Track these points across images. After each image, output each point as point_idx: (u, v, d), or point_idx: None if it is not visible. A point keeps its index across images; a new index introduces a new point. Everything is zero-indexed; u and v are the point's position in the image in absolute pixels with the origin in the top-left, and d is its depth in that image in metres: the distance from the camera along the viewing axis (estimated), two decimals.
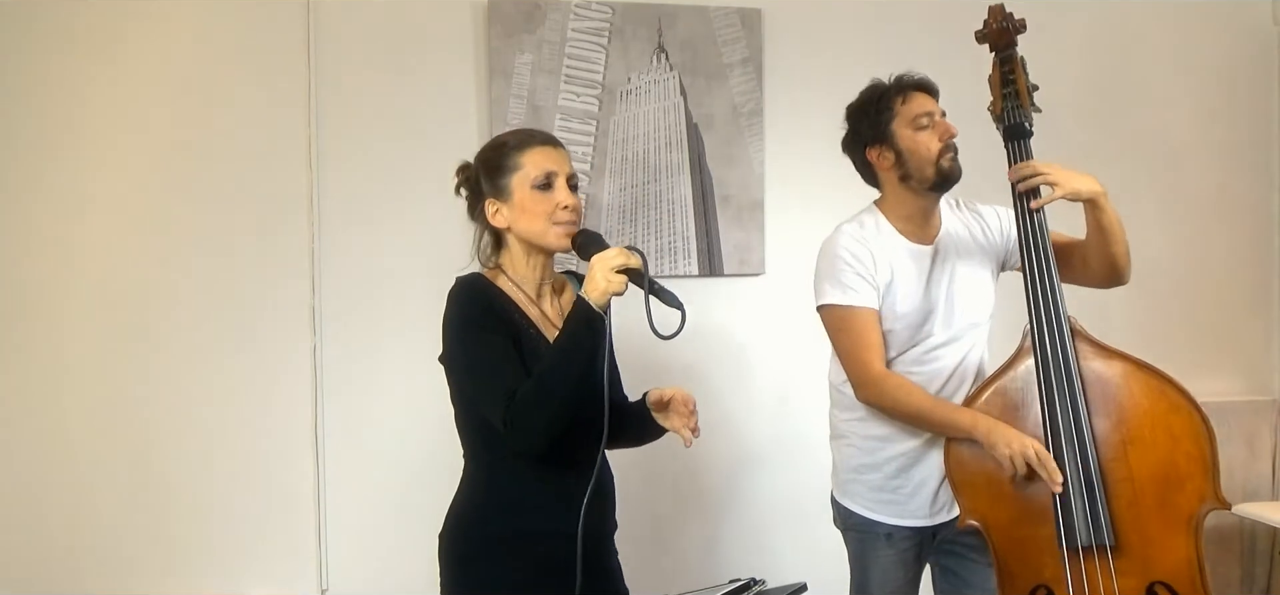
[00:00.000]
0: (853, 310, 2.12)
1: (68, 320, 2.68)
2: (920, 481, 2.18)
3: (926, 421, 2.09)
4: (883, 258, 2.14)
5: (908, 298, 2.14)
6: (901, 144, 2.13)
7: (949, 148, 2.12)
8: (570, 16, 2.92)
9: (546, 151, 1.84)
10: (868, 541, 2.23)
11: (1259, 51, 3.48)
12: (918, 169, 2.13)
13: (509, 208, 1.83)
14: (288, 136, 2.78)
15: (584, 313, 1.69)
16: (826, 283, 2.16)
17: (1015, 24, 2.14)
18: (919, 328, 2.15)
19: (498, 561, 1.80)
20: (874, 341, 2.12)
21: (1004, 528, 1.99)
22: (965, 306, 2.18)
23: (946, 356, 2.16)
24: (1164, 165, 3.40)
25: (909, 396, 2.09)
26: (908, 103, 2.13)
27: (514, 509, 1.81)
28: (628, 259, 1.69)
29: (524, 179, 1.81)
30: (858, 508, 2.23)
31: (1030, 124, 2.11)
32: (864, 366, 2.11)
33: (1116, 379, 1.97)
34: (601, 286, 1.67)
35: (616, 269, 1.68)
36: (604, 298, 1.68)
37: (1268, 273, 3.51)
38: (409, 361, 2.77)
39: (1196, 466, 1.91)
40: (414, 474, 2.74)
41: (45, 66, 2.66)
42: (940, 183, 2.13)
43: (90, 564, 2.69)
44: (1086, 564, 1.91)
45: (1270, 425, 3.40)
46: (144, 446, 2.73)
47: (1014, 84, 2.11)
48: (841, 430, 2.29)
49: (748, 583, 1.71)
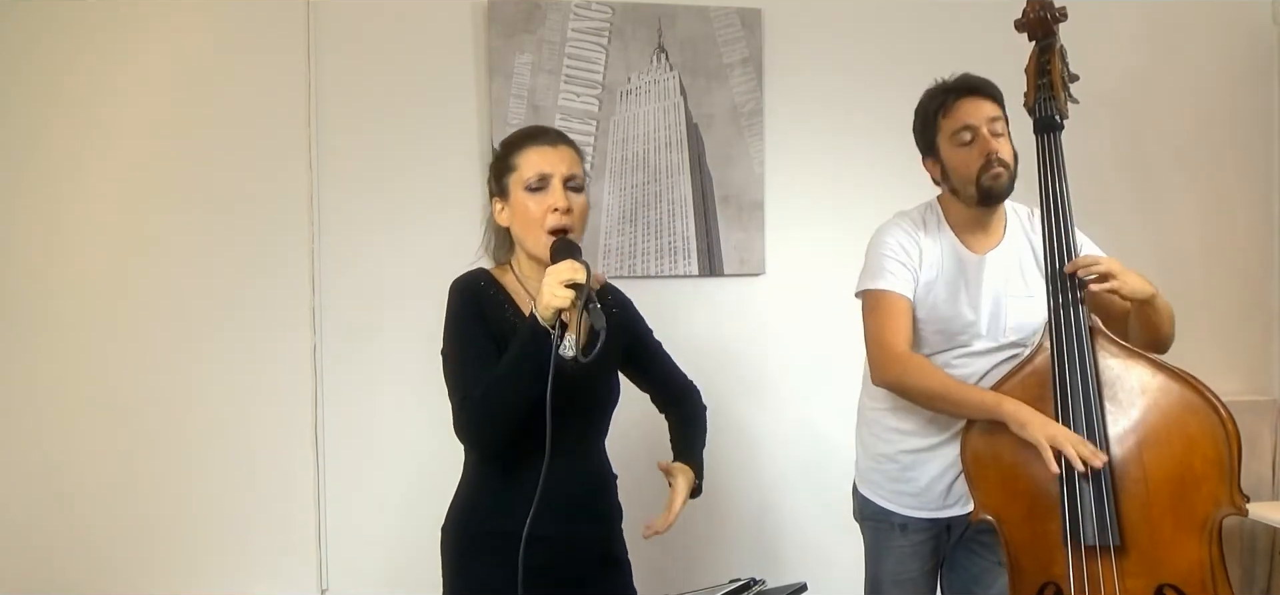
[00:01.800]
0: (884, 293, 2.12)
1: (66, 320, 2.68)
2: (933, 477, 2.18)
3: (945, 401, 2.04)
4: (931, 256, 2.13)
5: (948, 302, 2.12)
6: (945, 159, 2.12)
7: (991, 164, 2.06)
8: (570, 16, 2.92)
9: (543, 151, 1.81)
10: (882, 531, 2.23)
11: (1259, 51, 3.48)
12: (960, 186, 2.11)
13: (510, 208, 1.83)
14: (288, 136, 2.78)
15: (531, 326, 1.68)
16: (868, 269, 2.17)
17: (1055, 12, 2.08)
18: (955, 335, 2.14)
19: (493, 557, 1.80)
20: (901, 325, 2.10)
21: (1016, 522, 1.98)
22: (1011, 325, 2.15)
23: (975, 366, 2.14)
24: (1164, 164, 3.40)
25: (928, 376, 2.05)
26: (949, 115, 2.10)
27: (506, 507, 1.81)
28: (574, 274, 1.65)
29: (519, 180, 1.81)
30: (874, 497, 2.25)
31: (1062, 117, 2.07)
32: (885, 346, 2.09)
33: (1135, 379, 1.94)
34: (545, 300, 1.65)
35: (563, 283, 1.65)
36: (548, 311, 1.65)
37: (1268, 273, 3.51)
38: (409, 361, 2.78)
39: (1213, 469, 1.87)
40: (414, 474, 2.74)
41: (45, 67, 2.66)
42: (983, 199, 2.10)
43: (90, 564, 2.69)
44: (1093, 563, 1.90)
45: (1270, 425, 3.40)
46: (144, 446, 2.73)
47: (1049, 74, 2.07)
48: (866, 417, 2.30)
49: (748, 583, 1.71)
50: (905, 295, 2.11)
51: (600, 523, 1.92)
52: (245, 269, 2.77)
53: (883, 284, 2.12)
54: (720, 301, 3.03)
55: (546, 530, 1.73)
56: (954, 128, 2.09)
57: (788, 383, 3.08)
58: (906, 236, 2.14)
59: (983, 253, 2.16)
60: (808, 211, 3.07)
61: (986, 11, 2.18)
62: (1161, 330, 2.07)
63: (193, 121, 2.74)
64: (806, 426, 3.06)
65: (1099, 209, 3.23)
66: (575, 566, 1.83)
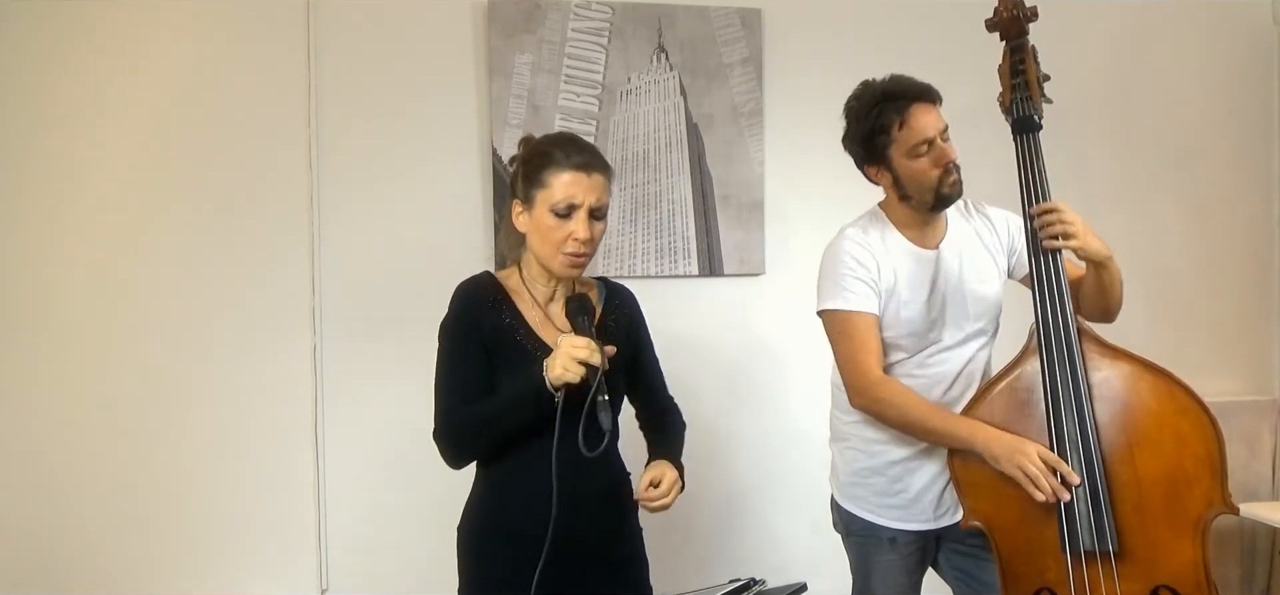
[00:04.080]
0: (852, 315, 2.10)
1: (66, 320, 2.68)
2: (923, 486, 2.16)
3: (923, 430, 2.05)
4: (887, 262, 2.12)
5: (912, 303, 2.12)
6: (898, 171, 2.10)
7: (948, 171, 2.07)
8: (570, 16, 2.92)
9: (578, 178, 1.79)
10: (871, 546, 2.21)
11: (1259, 51, 3.48)
12: (917, 193, 2.10)
13: (529, 218, 1.83)
14: (288, 136, 2.78)
15: (536, 386, 1.71)
16: (828, 287, 2.14)
17: (1026, 12, 2.08)
18: (925, 333, 2.13)
19: (502, 555, 1.83)
20: (872, 346, 2.09)
21: (1008, 529, 1.97)
22: (974, 311, 2.16)
23: (953, 360, 2.15)
24: (1164, 164, 3.40)
25: (906, 404, 2.05)
26: (904, 128, 2.06)
27: (512, 506, 1.83)
28: (591, 355, 1.67)
29: (547, 198, 1.80)
30: (861, 512, 2.22)
31: (1040, 116, 2.06)
32: (861, 371, 2.08)
33: (1123, 381, 1.94)
34: (557, 372, 1.68)
35: (579, 360, 1.67)
36: (558, 382, 1.68)
37: (1268, 273, 3.51)
38: (409, 361, 2.75)
39: (1204, 469, 1.88)
40: (414, 474, 2.73)
41: (45, 67, 2.66)
42: (939, 204, 2.10)
43: (90, 564, 2.69)
44: (1089, 568, 1.89)
45: (1270, 425, 3.40)
46: (144, 446, 2.73)
47: (1024, 74, 2.06)
48: (843, 432, 2.27)
49: (748, 583, 1.71)
50: (871, 313, 2.09)
51: (614, 521, 1.92)
52: (245, 269, 2.77)
53: (847, 304, 2.09)
54: (720, 301, 3.03)
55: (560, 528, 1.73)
56: (912, 141, 2.06)
57: (788, 383, 3.08)
58: (862, 250, 2.12)
59: (935, 247, 2.16)
60: (808, 211, 3.07)
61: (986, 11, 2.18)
62: (1113, 294, 2.08)
63: (193, 121, 2.74)
64: (807, 427, 3.06)
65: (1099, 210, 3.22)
66: (589, 564, 1.83)
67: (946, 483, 2.13)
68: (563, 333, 1.79)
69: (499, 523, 1.85)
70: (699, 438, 2.99)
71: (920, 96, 2.08)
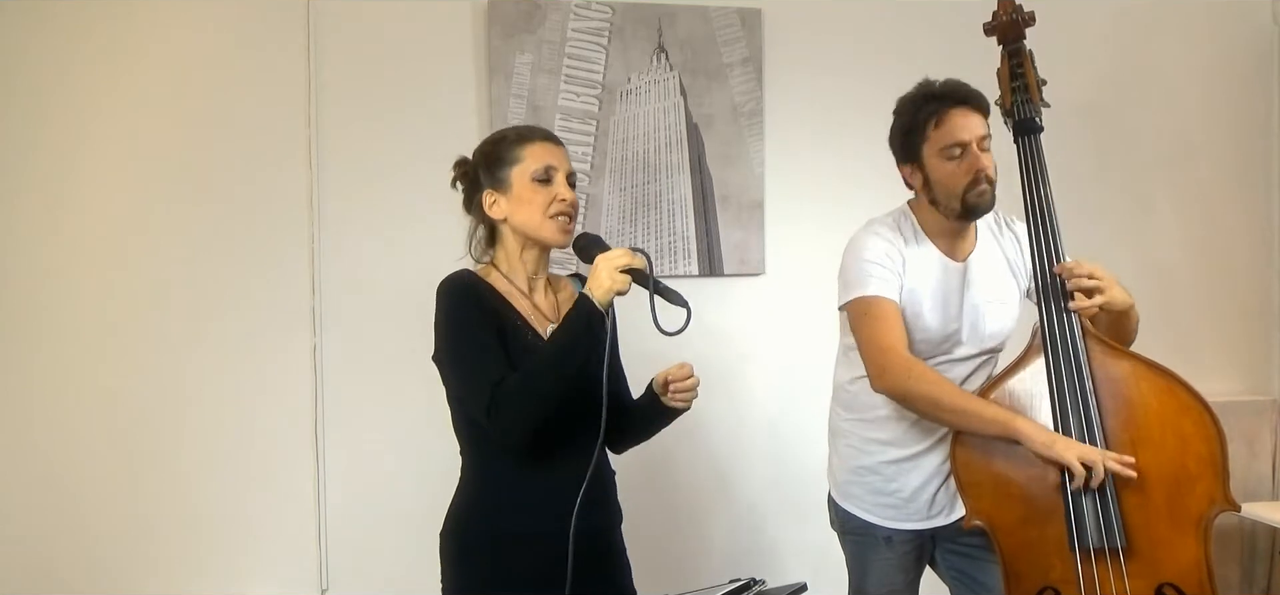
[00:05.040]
0: (878, 299, 2.06)
1: (67, 320, 2.68)
2: (918, 485, 2.16)
3: (954, 413, 1.98)
4: (913, 263, 2.10)
5: (933, 311, 2.10)
6: (929, 172, 2.08)
7: (978, 181, 2.03)
8: (570, 16, 2.92)
9: (547, 146, 1.86)
10: (867, 545, 2.20)
11: (1259, 51, 3.48)
12: (944, 199, 2.08)
13: (507, 199, 1.84)
14: (288, 136, 2.78)
15: (586, 310, 1.70)
16: (853, 279, 2.10)
17: (1025, 16, 2.09)
18: (938, 343, 2.12)
19: (494, 559, 1.81)
20: (898, 329, 2.05)
21: (1011, 529, 1.97)
22: (990, 331, 2.15)
23: (954, 373, 2.13)
24: (1163, 164, 3.40)
25: (938, 384, 2.00)
26: (940, 127, 2.04)
27: (508, 508, 1.82)
28: (632, 259, 1.70)
29: (524, 171, 1.83)
30: (857, 510, 2.21)
31: (1040, 119, 2.06)
32: (888, 350, 2.02)
33: (1126, 379, 1.94)
34: (605, 285, 1.69)
35: (620, 268, 1.69)
36: (608, 296, 1.69)
37: (1268, 273, 3.51)
38: (409, 361, 2.75)
39: (1206, 468, 1.89)
40: (414, 474, 2.74)
41: (45, 67, 2.66)
42: (965, 215, 2.08)
43: (90, 564, 2.69)
44: (1098, 566, 1.89)
45: (1270, 425, 3.40)
46: (144, 446, 2.72)
47: (1023, 78, 2.07)
48: (841, 429, 2.26)
49: (748, 583, 1.71)
50: (895, 300, 2.07)
51: (603, 519, 1.92)
52: (245, 269, 2.77)
53: (871, 290, 2.06)
54: (720, 301, 3.03)
55: (550, 526, 1.73)
56: (945, 142, 2.04)
57: (788, 382, 3.08)
58: (887, 245, 2.09)
59: (963, 260, 2.14)
60: (808, 211, 3.07)
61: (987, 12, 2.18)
62: (1128, 334, 2.08)
63: (193, 121, 2.74)
64: (808, 426, 3.06)
65: (1099, 210, 3.25)
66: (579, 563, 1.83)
67: (940, 483, 2.14)
68: (552, 322, 1.82)
69: (487, 525, 1.83)
70: (699, 437, 3.01)
71: (963, 101, 2.06)
